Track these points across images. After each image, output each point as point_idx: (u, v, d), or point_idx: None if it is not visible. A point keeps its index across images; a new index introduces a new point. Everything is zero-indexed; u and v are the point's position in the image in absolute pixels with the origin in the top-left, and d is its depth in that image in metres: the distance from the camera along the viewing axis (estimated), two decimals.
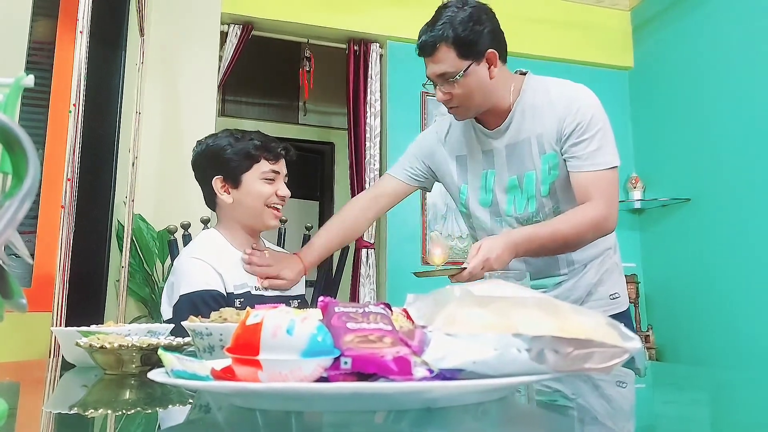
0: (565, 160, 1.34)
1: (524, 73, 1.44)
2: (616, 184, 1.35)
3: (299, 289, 1.54)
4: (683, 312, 3.33)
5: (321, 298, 0.57)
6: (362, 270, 3.21)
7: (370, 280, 3.23)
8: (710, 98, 3.22)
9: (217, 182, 1.40)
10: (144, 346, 0.75)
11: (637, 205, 3.57)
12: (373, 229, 3.23)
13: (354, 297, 3.18)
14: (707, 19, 3.27)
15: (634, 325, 2.25)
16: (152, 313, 2.79)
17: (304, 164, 4.92)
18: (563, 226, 1.29)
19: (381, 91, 3.43)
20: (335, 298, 2.06)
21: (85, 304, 2.42)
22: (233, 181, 1.40)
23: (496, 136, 1.40)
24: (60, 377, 0.92)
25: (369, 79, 3.41)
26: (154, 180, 2.88)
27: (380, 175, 3.31)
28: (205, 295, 1.30)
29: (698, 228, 3.26)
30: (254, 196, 1.40)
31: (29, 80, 0.53)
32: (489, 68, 1.32)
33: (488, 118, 1.41)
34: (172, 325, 1.01)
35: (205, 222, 1.85)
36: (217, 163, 1.40)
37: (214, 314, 0.75)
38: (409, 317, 0.63)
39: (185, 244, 1.76)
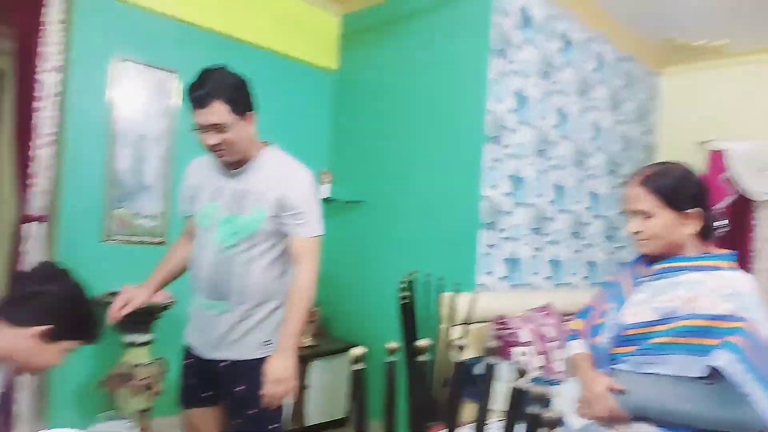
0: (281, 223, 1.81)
1: (266, 143, 1.89)
2: (318, 250, 1.85)
3: None
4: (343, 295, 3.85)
5: None
6: (23, 247, 2.75)
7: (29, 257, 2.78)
8: (398, 116, 3.66)
9: None
10: None
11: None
12: (43, 200, 2.78)
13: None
14: (406, 42, 3.63)
15: None
16: None
17: None
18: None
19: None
20: None
21: None
22: None
23: (229, 178, 1.85)
24: None
25: None
26: None
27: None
28: None
29: (365, 229, 3.81)
30: None
31: None
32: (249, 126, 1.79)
33: (230, 164, 1.83)
34: None
35: None
36: None
37: None
38: None
39: None
